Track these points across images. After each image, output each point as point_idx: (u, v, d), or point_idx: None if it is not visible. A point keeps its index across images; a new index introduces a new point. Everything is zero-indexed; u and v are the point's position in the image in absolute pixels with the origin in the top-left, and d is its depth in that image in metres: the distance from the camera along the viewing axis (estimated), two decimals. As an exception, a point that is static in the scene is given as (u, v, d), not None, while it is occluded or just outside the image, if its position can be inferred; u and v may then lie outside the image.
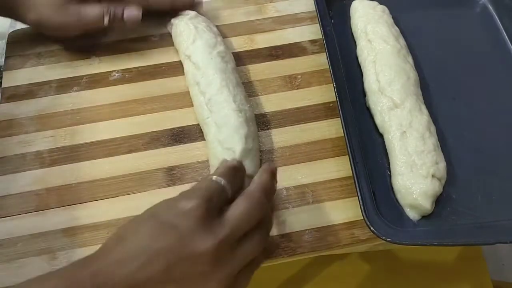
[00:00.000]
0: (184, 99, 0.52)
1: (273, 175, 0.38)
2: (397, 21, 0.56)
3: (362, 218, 0.41)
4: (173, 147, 0.49)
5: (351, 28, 0.57)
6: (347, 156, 0.44)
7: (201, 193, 0.33)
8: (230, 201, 0.35)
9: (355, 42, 0.55)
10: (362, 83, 0.52)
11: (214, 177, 0.35)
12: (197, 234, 0.31)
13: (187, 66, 0.52)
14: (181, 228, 0.31)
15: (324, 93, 0.53)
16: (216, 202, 0.33)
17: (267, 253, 0.39)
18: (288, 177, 0.47)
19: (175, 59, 0.55)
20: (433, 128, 0.47)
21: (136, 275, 0.30)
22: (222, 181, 0.34)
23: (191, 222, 0.32)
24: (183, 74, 0.53)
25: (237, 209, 0.33)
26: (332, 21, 0.57)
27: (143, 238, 0.32)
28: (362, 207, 0.41)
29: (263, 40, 0.57)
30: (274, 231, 0.44)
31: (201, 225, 0.32)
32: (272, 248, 0.41)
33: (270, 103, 0.52)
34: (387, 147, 0.47)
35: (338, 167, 0.48)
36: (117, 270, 0.30)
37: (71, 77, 0.54)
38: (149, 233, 0.32)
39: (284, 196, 0.46)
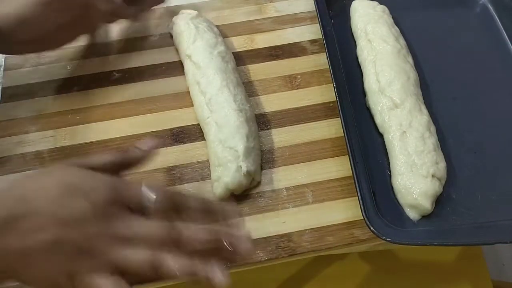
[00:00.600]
0: (184, 99, 0.52)
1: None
2: (397, 21, 0.56)
3: (362, 218, 0.41)
4: (173, 147, 0.49)
5: (351, 28, 0.57)
6: (347, 156, 0.44)
7: (124, 187, 0.33)
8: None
9: (355, 42, 0.55)
10: (362, 83, 0.52)
11: (145, 188, 0.33)
12: (90, 218, 0.30)
13: (187, 65, 0.52)
14: (82, 204, 0.31)
15: (324, 93, 0.53)
16: (124, 198, 0.32)
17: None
18: (288, 177, 0.47)
19: (175, 59, 0.55)
20: (433, 128, 0.47)
21: (19, 224, 0.30)
22: (150, 194, 0.32)
23: (92, 205, 0.31)
24: (183, 74, 0.53)
25: (144, 220, 0.32)
26: (332, 21, 0.57)
27: (47, 191, 0.31)
28: (362, 207, 0.41)
29: (263, 40, 0.57)
30: (274, 231, 0.44)
31: (101, 213, 0.31)
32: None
33: (270, 103, 0.52)
34: (387, 147, 0.47)
35: (338, 167, 0.48)
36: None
37: (71, 77, 0.54)
38: (56, 191, 0.31)
39: (284, 196, 0.46)
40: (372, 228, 0.40)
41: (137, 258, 0.31)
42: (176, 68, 0.55)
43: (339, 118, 0.46)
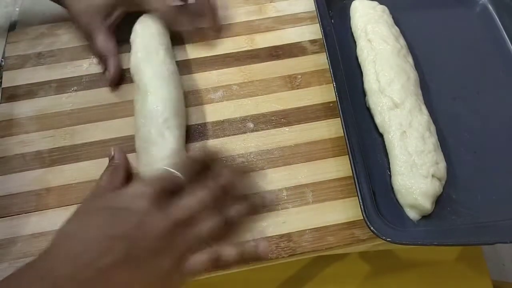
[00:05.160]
0: (184, 99, 0.52)
1: (238, 173, 0.38)
2: (397, 21, 0.56)
3: (362, 218, 0.41)
4: (173, 147, 0.49)
5: (351, 28, 0.57)
6: (347, 156, 0.44)
7: (152, 180, 0.35)
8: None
9: (355, 42, 0.55)
10: (362, 83, 0.52)
11: (169, 168, 0.36)
12: (152, 215, 0.34)
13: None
14: (136, 211, 0.34)
15: (324, 93, 0.53)
16: (168, 187, 0.36)
17: (236, 252, 0.37)
18: (288, 177, 0.47)
19: (175, 58, 0.55)
20: (433, 128, 0.47)
21: (98, 262, 0.31)
22: (175, 171, 0.36)
23: (145, 205, 0.34)
24: (182, 74, 0.53)
25: (191, 195, 0.36)
26: (332, 21, 0.57)
27: (98, 227, 0.33)
28: (362, 207, 0.41)
29: (263, 40, 0.57)
30: (274, 231, 0.44)
31: (155, 207, 0.34)
32: (243, 250, 0.37)
33: (270, 103, 0.52)
34: (387, 147, 0.47)
35: (338, 167, 0.48)
36: (74, 263, 0.31)
37: (71, 77, 0.54)
38: (103, 222, 0.33)
39: (284, 196, 0.46)
40: (372, 228, 0.40)
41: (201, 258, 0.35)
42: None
43: (339, 118, 0.46)
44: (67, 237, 0.34)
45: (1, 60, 0.56)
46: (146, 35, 0.52)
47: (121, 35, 0.54)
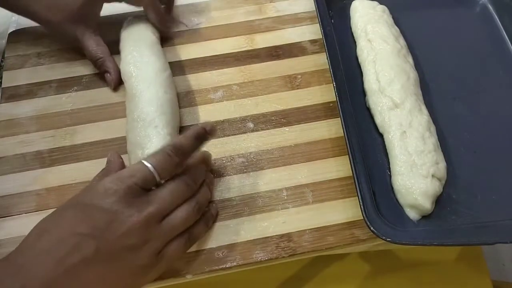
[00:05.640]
0: (184, 99, 0.52)
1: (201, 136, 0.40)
2: (397, 21, 0.56)
3: (362, 218, 0.41)
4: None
5: (351, 28, 0.57)
6: (347, 156, 0.44)
7: (124, 174, 0.35)
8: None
9: (355, 42, 0.55)
10: (362, 83, 0.52)
11: (142, 160, 0.36)
12: (122, 211, 0.34)
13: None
14: (106, 208, 0.33)
15: (324, 93, 0.53)
16: (141, 182, 0.35)
17: (204, 225, 0.42)
18: (288, 177, 0.47)
19: (175, 59, 0.55)
20: (433, 128, 0.47)
21: (67, 260, 0.31)
22: (149, 165, 0.36)
23: (115, 201, 0.34)
24: (182, 74, 0.53)
25: (163, 188, 0.37)
26: (332, 21, 0.57)
27: (68, 224, 0.33)
28: (362, 207, 0.41)
29: (263, 40, 0.57)
30: (274, 231, 0.44)
31: (126, 203, 0.34)
32: (208, 219, 0.43)
33: (270, 103, 0.52)
34: (387, 147, 0.47)
35: (338, 167, 0.48)
36: (43, 260, 0.31)
37: (71, 77, 0.54)
38: (73, 218, 0.33)
39: (284, 196, 0.46)
40: (372, 228, 0.40)
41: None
42: (175, 67, 0.55)
43: (339, 118, 0.46)
44: (41, 233, 0.34)
45: (1, 60, 0.56)
46: (131, 39, 0.52)
47: (109, 36, 0.54)
